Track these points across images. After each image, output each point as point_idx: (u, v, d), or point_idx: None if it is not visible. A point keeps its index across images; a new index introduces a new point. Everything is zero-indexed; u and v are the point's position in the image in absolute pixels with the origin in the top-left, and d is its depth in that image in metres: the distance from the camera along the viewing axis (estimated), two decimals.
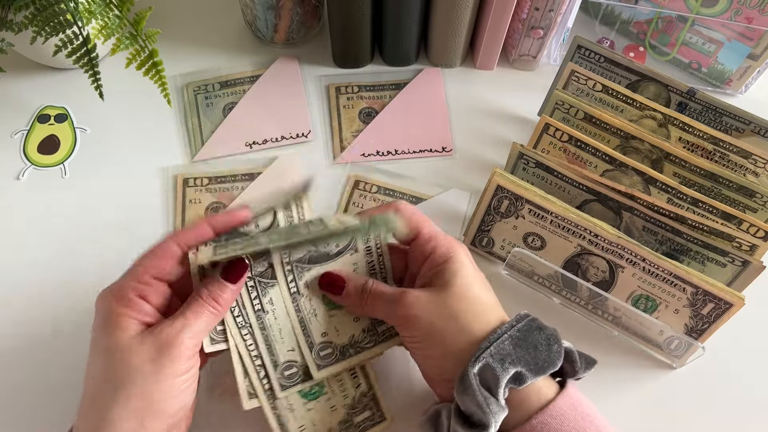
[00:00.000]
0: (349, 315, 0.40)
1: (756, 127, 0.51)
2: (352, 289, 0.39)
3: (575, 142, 0.49)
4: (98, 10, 0.48)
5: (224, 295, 0.36)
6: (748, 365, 0.48)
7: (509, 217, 0.47)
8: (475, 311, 0.37)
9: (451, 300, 0.36)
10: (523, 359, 0.35)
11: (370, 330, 0.41)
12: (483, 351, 0.34)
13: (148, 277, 0.35)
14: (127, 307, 0.34)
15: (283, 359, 0.39)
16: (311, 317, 0.40)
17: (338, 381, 0.41)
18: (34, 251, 0.51)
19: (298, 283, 0.40)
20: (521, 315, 0.37)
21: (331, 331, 0.40)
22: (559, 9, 0.56)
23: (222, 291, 0.36)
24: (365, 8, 0.55)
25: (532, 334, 0.36)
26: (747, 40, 0.57)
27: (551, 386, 0.36)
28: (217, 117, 0.58)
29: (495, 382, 0.34)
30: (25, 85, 0.60)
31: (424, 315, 0.36)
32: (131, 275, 0.35)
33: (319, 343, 0.40)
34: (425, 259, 0.39)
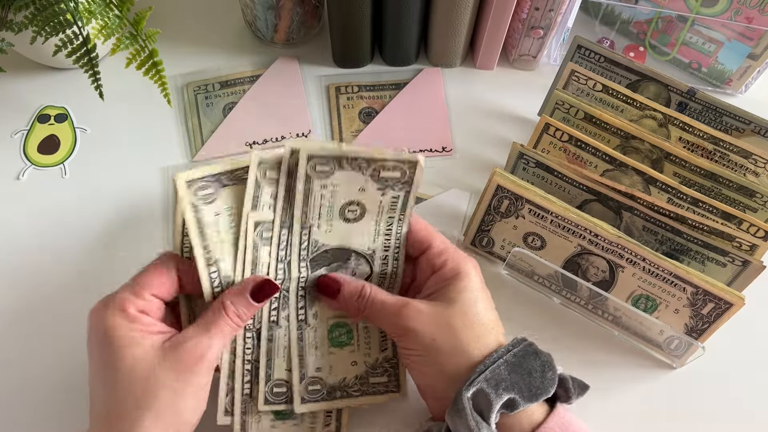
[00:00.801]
0: (348, 357, 0.40)
1: (756, 126, 0.51)
2: (347, 293, 0.38)
3: (575, 142, 0.49)
4: (98, 10, 0.48)
5: (248, 312, 0.36)
6: (748, 365, 0.48)
7: (509, 216, 0.47)
8: (476, 333, 0.36)
9: (454, 318, 0.36)
10: (517, 385, 0.34)
11: (362, 379, 0.40)
12: (478, 375, 0.34)
13: (147, 294, 0.35)
14: (131, 322, 0.33)
15: (276, 376, 0.39)
16: (311, 350, 0.39)
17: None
18: (34, 251, 0.51)
19: (308, 312, 0.39)
20: (518, 339, 0.37)
21: (325, 368, 0.39)
22: (559, 9, 0.56)
23: (247, 309, 0.36)
24: (365, 8, 0.55)
25: (527, 360, 0.36)
26: (747, 39, 0.57)
27: (542, 408, 0.36)
28: (217, 117, 0.58)
29: (488, 408, 0.34)
30: (25, 85, 0.60)
31: (424, 330, 0.36)
32: (130, 291, 0.34)
33: (310, 376, 0.39)
34: (433, 272, 0.38)
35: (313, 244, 0.38)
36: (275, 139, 0.57)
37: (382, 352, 0.41)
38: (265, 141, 0.57)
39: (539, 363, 0.36)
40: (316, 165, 0.35)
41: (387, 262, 0.40)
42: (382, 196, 0.37)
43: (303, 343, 0.39)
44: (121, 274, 0.37)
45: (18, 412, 0.44)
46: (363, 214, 0.38)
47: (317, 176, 0.36)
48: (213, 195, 0.35)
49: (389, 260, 0.40)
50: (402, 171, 0.37)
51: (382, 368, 0.40)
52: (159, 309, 0.36)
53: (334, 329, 0.40)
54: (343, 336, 0.40)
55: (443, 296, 0.37)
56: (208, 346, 0.34)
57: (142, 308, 0.34)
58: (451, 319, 0.36)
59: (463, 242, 0.52)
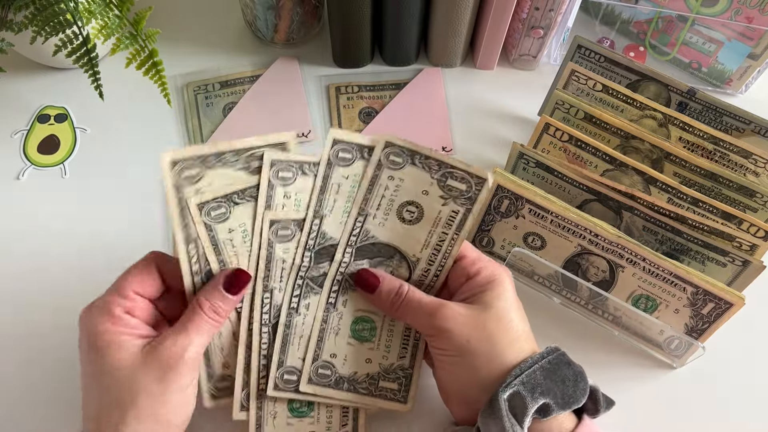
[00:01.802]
0: (364, 353, 0.40)
1: (756, 126, 0.51)
2: (385, 290, 0.38)
3: (575, 141, 0.49)
4: (98, 9, 0.48)
5: (225, 307, 0.36)
6: (748, 365, 0.48)
7: (509, 216, 0.47)
8: (510, 338, 0.36)
9: (490, 322, 0.36)
10: (551, 391, 0.35)
11: (372, 378, 0.40)
12: (514, 378, 0.34)
13: (131, 292, 0.35)
14: (115, 324, 0.33)
15: (289, 362, 0.39)
16: (331, 334, 0.39)
17: (327, 411, 0.40)
18: (33, 251, 0.51)
19: (339, 298, 0.39)
20: (552, 348, 0.37)
21: (340, 356, 0.39)
22: (559, 9, 0.56)
23: (223, 302, 0.35)
24: (365, 8, 0.55)
25: (561, 368, 0.36)
26: (747, 39, 0.57)
27: (571, 418, 0.36)
28: (217, 117, 0.58)
29: (522, 411, 0.34)
30: (25, 85, 0.60)
31: (460, 330, 0.36)
32: (114, 291, 0.35)
33: (323, 359, 0.39)
34: (468, 279, 0.38)
35: (365, 233, 0.38)
36: None
37: (400, 359, 0.40)
38: None
39: (572, 372, 0.36)
40: (390, 154, 0.37)
41: (427, 274, 0.40)
42: (443, 206, 0.38)
43: (326, 325, 0.39)
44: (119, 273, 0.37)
45: (17, 413, 0.44)
46: (419, 218, 0.38)
47: (388, 165, 0.37)
48: (225, 214, 0.36)
49: (430, 274, 0.40)
50: (468, 184, 0.37)
51: (395, 374, 0.40)
52: (145, 309, 0.36)
53: (358, 322, 0.40)
54: (365, 331, 0.40)
55: (479, 301, 0.37)
56: (185, 345, 0.34)
57: (128, 308, 0.34)
58: (487, 322, 0.36)
59: None
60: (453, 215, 0.38)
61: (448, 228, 0.38)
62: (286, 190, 0.37)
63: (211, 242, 0.36)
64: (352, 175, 0.37)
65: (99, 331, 0.33)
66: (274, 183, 0.36)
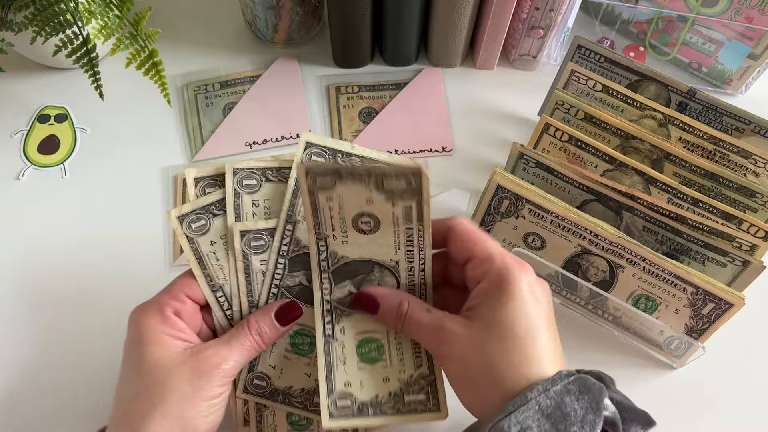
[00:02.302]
0: (379, 374, 0.38)
1: (756, 126, 0.51)
2: (386, 311, 0.36)
3: (575, 142, 0.49)
4: (98, 10, 0.48)
5: (271, 334, 0.36)
6: (748, 365, 0.48)
7: (509, 217, 0.47)
8: (512, 360, 0.32)
9: (489, 344, 0.32)
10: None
11: (396, 396, 0.37)
12: (502, 417, 0.30)
13: (182, 295, 0.36)
14: (163, 323, 0.34)
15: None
16: (339, 365, 0.37)
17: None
18: (33, 251, 0.51)
19: (335, 327, 0.38)
20: (563, 374, 0.32)
21: (355, 383, 0.37)
22: (559, 9, 0.56)
23: (270, 330, 0.36)
24: (365, 8, 0.55)
25: (566, 401, 0.31)
26: (747, 39, 0.57)
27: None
28: (217, 117, 0.58)
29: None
30: (25, 85, 0.60)
31: (457, 355, 0.33)
32: (166, 292, 0.36)
33: (338, 391, 0.37)
34: (477, 283, 0.35)
35: (332, 255, 0.37)
36: (275, 139, 0.57)
37: (418, 368, 0.38)
38: (265, 141, 0.57)
39: (581, 404, 0.31)
40: (317, 178, 0.34)
41: (413, 273, 0.38)
42: (393, 207, 0.35)
43: (330, 357, 0.37)
44: (120, 273, 0.37)
45: (16, 412, 0.44)
46: (378, 225, 0.36)
47: (319, 189, 0.34)
48: (205, 226, 0.36)
49: (416, 272, 0.38)
50: (407, 180, 0.34)
51: (417, 385, 0.37)
52: (194, 315, 0.36)
53: (363, 345, 0.38)
54: (373, 352, 0.38)
55: (481, 316, 0.33)
56: (224, 357, 0.34)
57: (178, 310, 0.35)
58: (486, 344, 0.33)
59: None
60: (408, 210, 0.35)
61: (409, 222, 0.36)
62: (254, 198, 0.37)
63: (195, 256, 0.36)
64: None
65: (146, 327, 0.34)
66: (239, 191, 0.36)
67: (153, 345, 0.34)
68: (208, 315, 0.37)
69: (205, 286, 0.36)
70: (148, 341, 0.34)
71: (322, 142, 0.36)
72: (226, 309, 0.37)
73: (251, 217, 0.37)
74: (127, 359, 0.35)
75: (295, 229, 0.37)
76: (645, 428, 0.32)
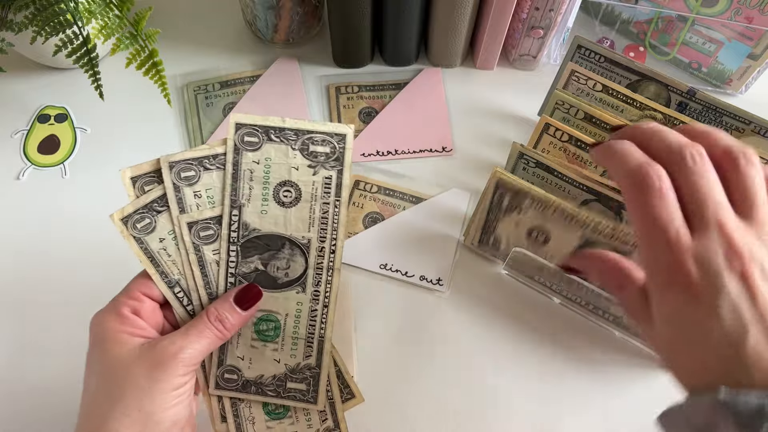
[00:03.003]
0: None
1: (756, 126, 0.51)
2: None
3: (575, 141, 0.49)
4: (98, 10, 0.48)
5: (232, 320, 0.36)
6: None
7: (512, 212, 0.47)
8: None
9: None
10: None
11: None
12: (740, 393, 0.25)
13: (138, 293, 0.35)
14: (122, 323, 0.34)
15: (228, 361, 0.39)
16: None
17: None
18: (33, 251, 0.51)
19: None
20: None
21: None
22: (559, 9, 0.56)
23: (231, 315, 0.36)
24: (365, 8, 0.55)
25: None
26: (747, 39, 0.57)
27: None
28: (217, 117, 0.58)
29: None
30: (25, 85, 0.60)
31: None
32: (123, 293, 0.36)
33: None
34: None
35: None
36: None
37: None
38: None
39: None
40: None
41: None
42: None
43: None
44: (119, 274, 0.37)
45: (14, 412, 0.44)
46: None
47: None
48: (150, 224, 0.36)
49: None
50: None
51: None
52: (153, 312, 0.36)
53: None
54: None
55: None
56: (181, 347, 0.34)
57: (135, 309, 0.35)
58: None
59: (463, 242, 0.52)
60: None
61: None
62: (194, 189, 0.36)
63: (146, 255, 0.36)
64: (263, 159, 0.36)
65: (104, 329, 0.34)
66: (179, 184, 0.36)
67: (111, 344, 0.34)
68: (171, 313, 0.37)
69: (161, 283, 0.36)
70: (106, 341, 0.34)
71: (251, 121, 0.36)
72: (186, 304, 0.37)
73: (196, 209, 0.37)
74: (89, 362, 0.35)
75: (241, 213, 0.37)
76: None
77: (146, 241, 0.36)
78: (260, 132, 0.36)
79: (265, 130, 0.36)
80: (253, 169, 0.36)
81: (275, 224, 0.37)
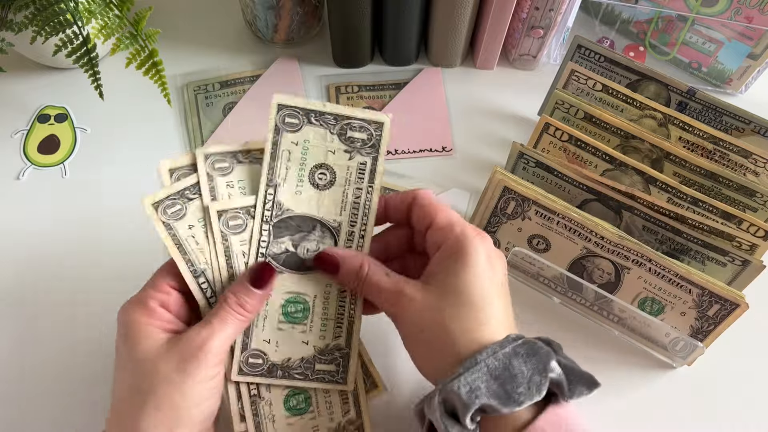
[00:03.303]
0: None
1: (756, 126, 0.51)
2: (345, 272, 0.37)
3: (575, 141, 0.49)
4: (98, 9, 0.48)
5: (251, 301, 0.35)
6: (747, 364, 0.48)
7: (515, 218, 0.47)
8: (466, 325, 0.34)
9: (444, 309, 0.34)
10: (495, 393, 0.31)
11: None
12: (453, 379, 0.32)
13: (166, 285, 0.35)
14: (149, 316, 0.34)
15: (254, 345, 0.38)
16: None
17: (326, 402, 0.39)
18: (34, 251, 0.51)
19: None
20: (512, 337, 0.34)
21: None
22: (559, 8, 0.56)
23: (249, 297, 0.35)
24: (365, 8, 0.55)
25: (514, 363, 0.32)
26: (747, 39, 0.57)
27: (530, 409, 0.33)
28: (217, 117, 0.58)
29: (462, 410, 0.32)
30: (25, 85, 0.60)
31: (414, 320, 0.35)
32: (150, 285, 0.35)
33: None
34: (436, 250, 0.36)
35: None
36: None
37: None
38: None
39: (529, 366, 0.32)
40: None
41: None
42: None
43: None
44: (119, 273, 0.37)
45: (14, 412, 0.44)
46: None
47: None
48: (181, 211, 0.36)
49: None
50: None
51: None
52: (180, 304, 0.36)
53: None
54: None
55: (438, 281, 0.35)
56: (207, 336, 0.34)
57: (162, 301, 0.35)
58: (442, 309, 0.34)
59: None
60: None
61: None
62: (227, 179, 0.37)
63: (174, 241, 0.36)
64: (302, 141, 0.37)
65: (132, 322, 0.34)
66: (212, 174, 0.37)
67: (139, 338, 0.33)
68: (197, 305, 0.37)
69: (187, 272, 0.36)
70: (135, 335, 0.34)
71: (293, 103, 0.36)
72: (210, 296, 0.36)
73: (227, 197, 0.37)
74: (118, 358, 0.35)
75: (276, 192, 0.37)
76: (590, 389, 0.33)
77: (175, 228, 0.36)
78: (301, 114, 0.36)
79: (306, 113, 0.36)
80: (291, 150, 0.36)
81: (308, 206, 0.37)
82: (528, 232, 0.47)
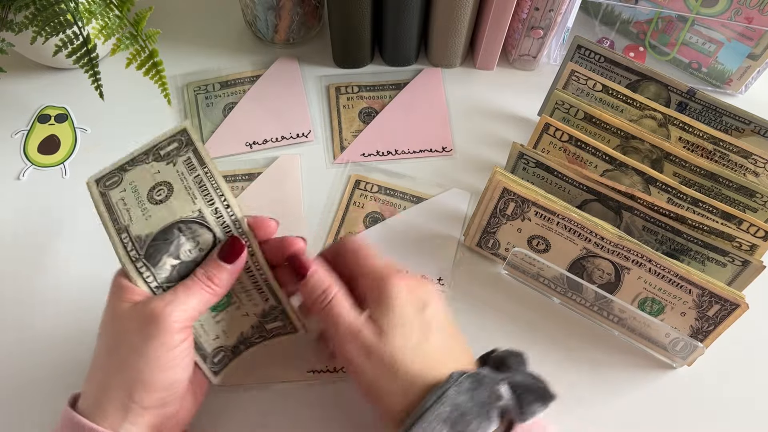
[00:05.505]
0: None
1: (756, 126, 0.51)
2: (312, 285, 0.37)
3: (575, 141, 0.49)
4: (98, 10, 0.48)
5: (220, 275, 0.36)
6: (747, 364, 0.48)
7: (515, 219, 0.47)
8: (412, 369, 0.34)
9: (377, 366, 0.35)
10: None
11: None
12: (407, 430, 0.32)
13: None
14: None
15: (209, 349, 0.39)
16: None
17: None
18: (34, 251, 0.51)
19: None
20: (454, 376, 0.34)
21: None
22: (559, 9, 0.56)
23: (218, 271, 0.36)
24: (365, 8, 0.55)
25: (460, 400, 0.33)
26: (747, 40, 0.57)
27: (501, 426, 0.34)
28: (217, 117, 0.58)
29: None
30: (25, 85, 0.60)
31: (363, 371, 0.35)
32: None
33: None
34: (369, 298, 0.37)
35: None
36: (275, 139, 0.57)
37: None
38: (265, 141, 0.57)
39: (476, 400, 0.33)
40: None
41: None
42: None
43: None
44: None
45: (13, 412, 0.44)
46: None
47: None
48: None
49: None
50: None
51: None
52: None
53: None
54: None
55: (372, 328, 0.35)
56: (170, 302, 0.34)
57: None
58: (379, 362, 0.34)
59: (464, 242, 0.52)
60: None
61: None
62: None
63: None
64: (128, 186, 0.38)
65: (114, 284, 0.36)
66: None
67: (115, 299, 0.35)
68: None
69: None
70: (113, 296, 0.35)
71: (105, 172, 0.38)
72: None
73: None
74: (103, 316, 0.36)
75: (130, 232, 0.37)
76: (545, 403, 0.34)
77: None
78: (116, 172, 0.38)
79: (120, 168, 0.38)
80: (124, 197, 0.37)
81: (162, 219, 0.37)
82: (528, 232, 0.47)
